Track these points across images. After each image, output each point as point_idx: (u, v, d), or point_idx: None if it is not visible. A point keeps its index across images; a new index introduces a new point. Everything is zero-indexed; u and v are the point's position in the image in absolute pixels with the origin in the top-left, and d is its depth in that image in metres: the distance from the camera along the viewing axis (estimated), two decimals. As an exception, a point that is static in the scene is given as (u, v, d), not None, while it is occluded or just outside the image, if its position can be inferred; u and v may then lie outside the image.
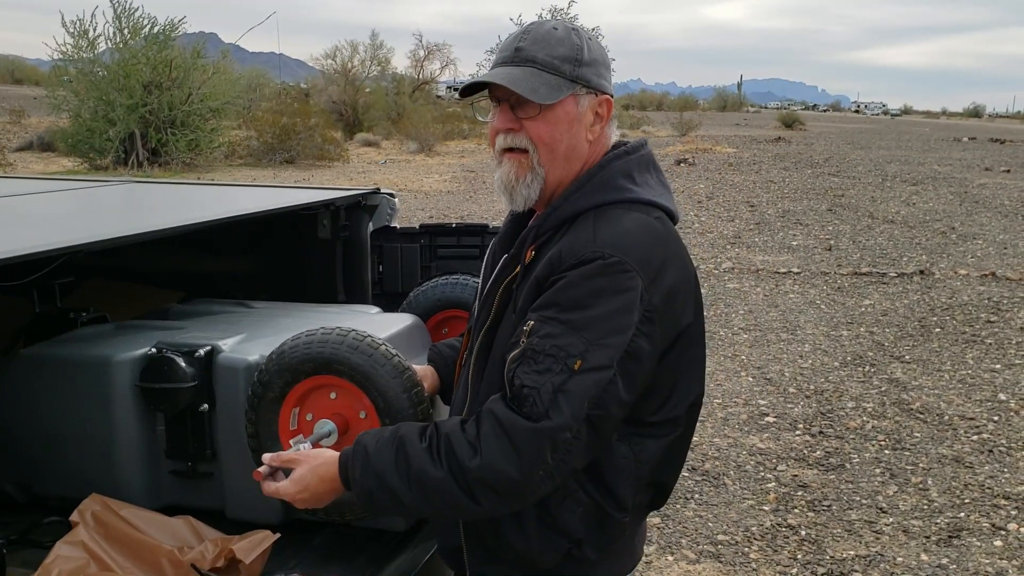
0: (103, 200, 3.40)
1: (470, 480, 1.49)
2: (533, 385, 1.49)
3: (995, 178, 20.71)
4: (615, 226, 1.58)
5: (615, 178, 1.64)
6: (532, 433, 1.47)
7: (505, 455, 1.48)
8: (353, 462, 1.58)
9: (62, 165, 21.75)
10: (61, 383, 2.24)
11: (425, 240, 3.34)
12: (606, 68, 1.67)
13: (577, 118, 1.63)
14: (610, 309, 1.51)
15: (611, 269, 1.52)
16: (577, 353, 1.49)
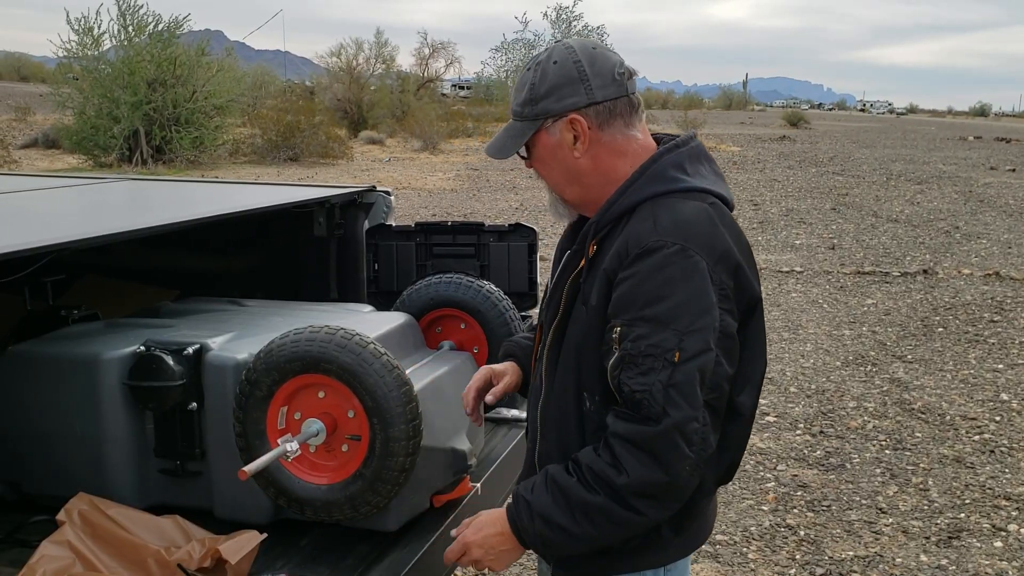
0: (99, 198, 3.39)
1: (626, 496, 1.55)
2: (643, 388, 1.53)
3: (1000, 177, 20.64)
4: (673, 214, 1.63)
5: (667, 170, 1.69)
6: (659, 435, 1.53)
7: (645, 464, 1.54)
8: (518, 515, 1.65)
9: (67, 162, 21.79)
10: (50, 381, 2.23)
11: (420, 238, 3.33)
12: (570, 84, 1.69)
13: (556, 146, 1.72)
14: (687, 295, 1.56)
15: (676, 256, 1.57)
16: (673, 346, 1.53)
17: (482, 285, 2.77)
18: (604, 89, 1.69)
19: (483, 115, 40.24)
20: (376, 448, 1.96)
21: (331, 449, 2.03)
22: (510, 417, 2.95)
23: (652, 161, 1.70)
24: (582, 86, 1.69)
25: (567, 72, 1.69)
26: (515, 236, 3.29)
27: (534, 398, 1.83)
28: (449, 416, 2.36)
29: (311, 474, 2.03)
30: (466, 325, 2.78)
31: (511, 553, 1.70)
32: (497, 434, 2.84)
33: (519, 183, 18.84)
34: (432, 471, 2.21)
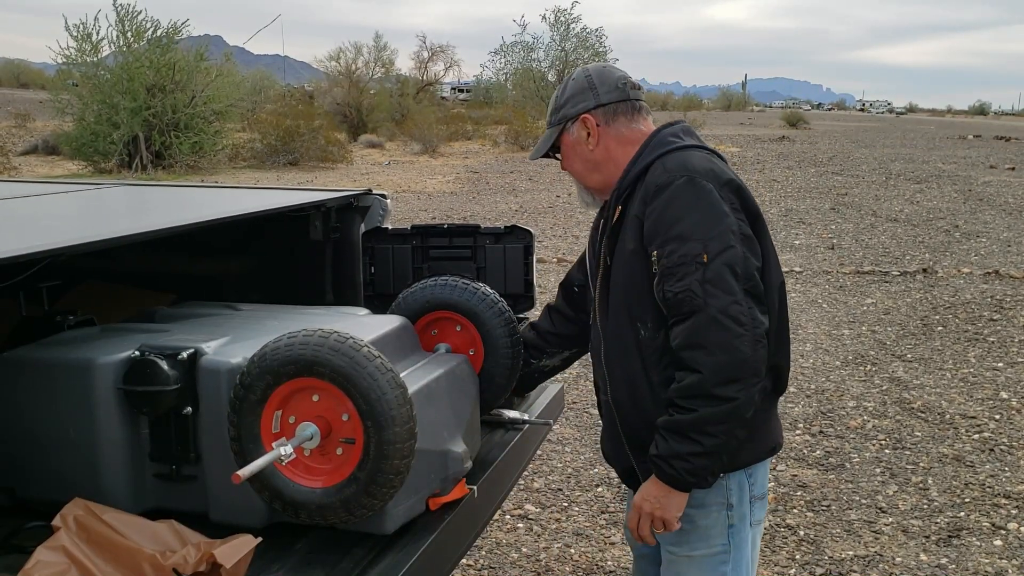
0: (95, 202, 3.39)
1: (711, 391, 1.86)
2: (682, 289, 1.88)
3: (1000, 176, 20.63)
4: (678, 158, 2.04)
5: (667, 137, 2.13)
6: (710, 321, 1.85)
7: (709, 354, 1.85)
8: (660, 470, 1.97)
9: (67, 168, 21.82)
10: (44, 386, 2.22)
11: (417, 241, 3.32)
12: (582, 92, 2.18)
13: (575, 143, 2.22)
14: (701, 211, 1.93)
15: (686, 184, 1.96)
16: (699, 251, 1.89)
17: (478, 287, 2.77)
18: (608, 94, 2.17)
19: (482, 118, 40.26)
20: (371, 451, 1.95)
21: (326, 452, 2.03)
22: (509, 419, 2.95)
23: (652, 135, 2.15)
24: (591, 93, 2.17)
25: (580, 85, 2.19)
26: (511, 238, 3.28)
27: (595, 352, 2.22)
28: (445, 419, 2.35)
29: (306, 477, 2.02)
30: (462, 328, 2.77)
31: (674, 497, 2.00)
32: (494, 436, 2.83)
33: (518, 185, 18.84)
34: (428, 474, 2.20)
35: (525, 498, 4.47)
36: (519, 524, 4.20)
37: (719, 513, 2.09)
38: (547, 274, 9.61)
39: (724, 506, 2.09)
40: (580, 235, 12.31)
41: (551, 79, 45.61)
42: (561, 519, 4.26)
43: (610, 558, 3.89)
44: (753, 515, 2.13)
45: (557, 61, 45.52)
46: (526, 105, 41.39)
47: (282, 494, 2.02)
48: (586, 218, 13.87)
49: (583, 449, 5.09)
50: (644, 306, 2.01)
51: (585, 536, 4.09)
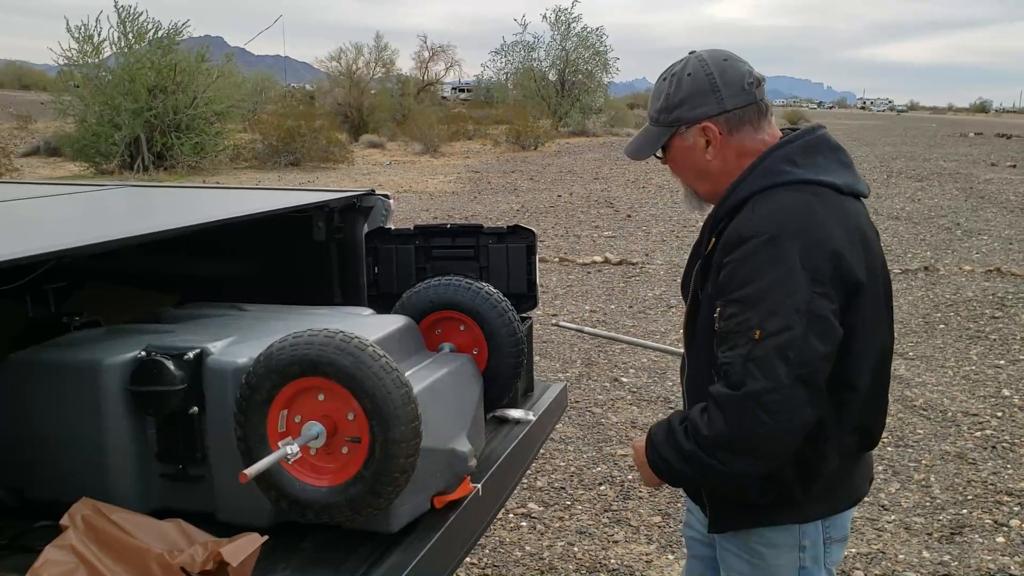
0: (99, 204, 3.41)
1: (708, 447, 1.76)
2: (728, 360, 1.73)
3: (1001, 173, 20.62)
4: (771, 204, 1.80)
5: (775, 164, 1.86)
6: (736, 400, 1.71)
7: (723, 421, 1.73)
8: (649, 448, 1.92)
9: (68, 170, 21.83)
10: (51, 387, 2.24)
11: (419, 241, 3.34)
12: (702, 94, 1.89)
13: (689, 149, 1.94)
14: (772, 280, 1.72)
15: (765, 244, 1.74)
16: (755, 325, 1.71)
17: (481, 287, 2.78)
18: (734, 98, 1.88)
19: (483, 118, 40.27)
20: (376, 450, 1.97)
21: (331, 451, 2.04)
22: (513, 418, 2.97)
23: (761, 159, 1.88)
24: (713, 96, 1.88)
25: (699, 84, 1.89)
26: (514, 238, 3.30)
27: (682, 373, 2.10)
28: (449, 417, 2.37)
29: (312, 476, 2.04)
30: (465, 327, 2.79)
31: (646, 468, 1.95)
32: (498, 435, 2.85)
33: (520, 185, 18.85)
34: (432, 472, 2.22)
35: (528, 497, 4.48)
36: (522, 523, 4.22)
37: (790, 554, 1.98)
38: (549, 274, 9.62)
39: (796, 547, 1.97)
40: (581, 235, 12.33)
41: (552, 78, 45.63)
42: (564, 517, 4.27)
43: (613, 556, 3.90)
44: (828, 557, 2.00)
45: (558, 61, 45.54)
46: (527, 105, 41.43)
47: (288, 493, 2.03)
48: (587, 218, 13.89)
49: (586, 448, 5.10)
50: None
51: (588, 534, 4.10)
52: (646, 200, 16.11)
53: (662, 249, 11.26)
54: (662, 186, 17.97)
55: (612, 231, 12.64)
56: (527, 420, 2.97)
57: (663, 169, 2.13)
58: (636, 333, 7.47)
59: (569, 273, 9.81)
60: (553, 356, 6.85)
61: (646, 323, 7.66)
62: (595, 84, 45.85)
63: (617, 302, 8.49)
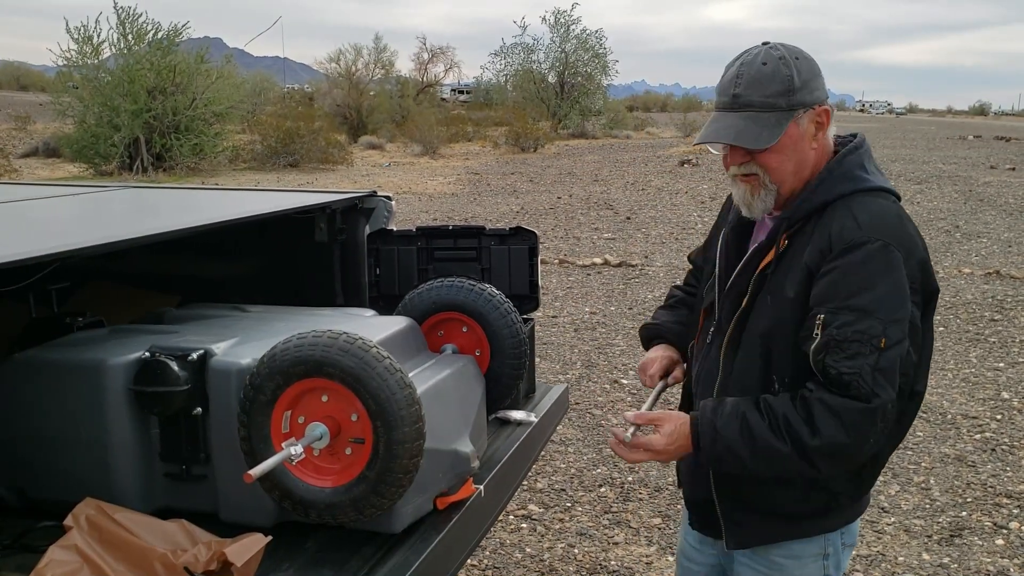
0: (102, 205, 3.41)
1: (810, 454, 1.72)
2: (852, 371, 1.69)
3: (1000, 176, 20.64)
4: (870, 212, 1.78)
5: (853, 170, 1.85)
6: (865, 412, 1.70)
7: (841, 432, 1.70)
8: (703, 430, 1.81)
9: (67, 171, 21.83)
10: (55, 387, 2.24)
11: (422, 242, 3.34)
12: (817, 77, 1.83)
13: (800, 137, 1.83)
14: (889, 287, 1.72)
15: (879, 251, 1.73)
16: (879, 333, 1.69)
17: (483, 288, 2.79)
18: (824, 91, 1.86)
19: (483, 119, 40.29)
20: (379, 451, 1.97)
21: (335, 452, 2.05)
22: (515, 419, 2.97)
23: (839, 162, 1.85)
24: (822, 81, 1.84)
25: (812, 67, 1.83)
26: (516, 239, 3.30)
27: (707, 380, 1.98)
28: (452, 418, 2.37)
29: (315, 477, 2.04)
30: (468, 328, 2.79)
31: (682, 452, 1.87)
32: (500, 436, 2.85)
33: (519, 187, 18.86)
34: (435, 473, 2.22)
35: (529, 498, 4.48)
36: (523, 524, 4.22)
37: (815, 564, 1.98)
38: (549, 276, 9.63)
39: (821, 556, 1.97)
40: (581, 236, 12.34)
41: (551, 80, 45.64)
42: (564, 519, 4.27)
43: (613, 558, 3.91)
44: (843, 563, 2.03)
45: (557, 63, 45.56)
46: (526, 106, 41.43)
47: (292, 493, 2.04)
48: (587, 220, 13.89)
49: (586, 449, 5.10)
50: (786, 361, 1.83)
51: (588, 536, 4.10)
52: (645, 202, 16.12)
53: (661, 251, 11.27)
54: (661, 188, 17.98)
55: (612, 233, 12.65)
56: (529, 421, 2.97)
57: (662, 171, 2.09)
58: (634, 334, 7.47)
59: (569, 275, 9.82)
60: (554, 358, 6.86)
61: (646, 325, 7.66)
62: (594, 86, 45.87)
63: (617, 304, 8.50)
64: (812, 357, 1.74)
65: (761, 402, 1.79)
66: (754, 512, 1.94)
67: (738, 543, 1.99)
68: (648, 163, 24.60)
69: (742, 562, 2.04)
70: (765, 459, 1.76)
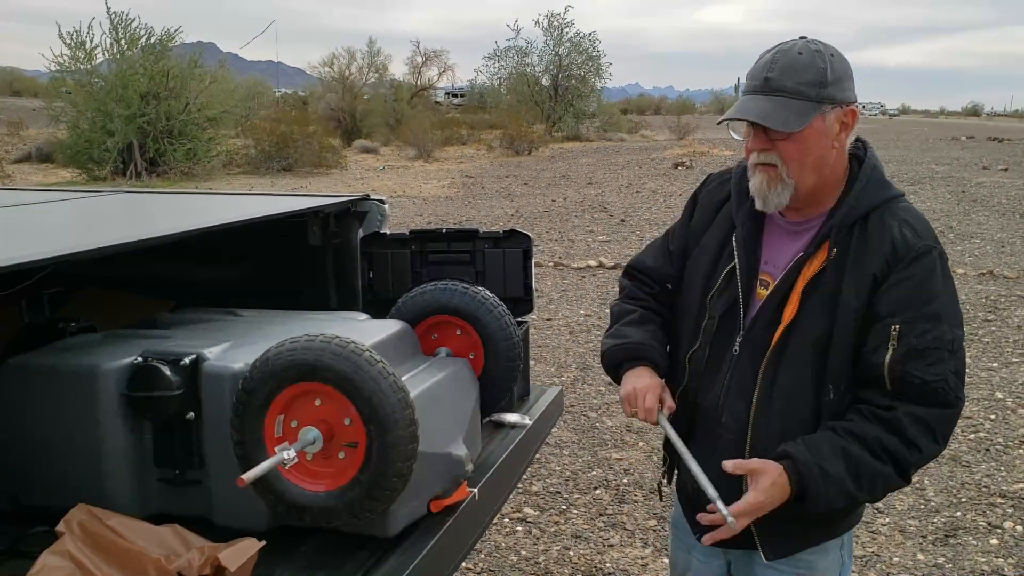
0: (94, 210, 3.40)
1: (909, 469, 1.79)
2: (937, 378, 1.74)
3: (993, 177, 20.71)
4: (916, 218, 1.85)
5: (881, 176, 1.90)
6: (953, 417, 1.80)
7: (937, 442, 1.79)
8: (810, 478, 1.77)
9: (61, 176, 21.78)
10: (48, 392, 2.24)
11: (416, 246, 3.34)
12: (849, 78, 1.83)
13: (824, 132, 1.81)
14: (951, 292, 1.82)
15: (940, 259, 1.82)
16: (952, 337, 1.77)
17: (477, 291, 2.79)
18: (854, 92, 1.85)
19: (477, 123, 40.28)
20: (373, 455, 1.97)
21: (328, 456, 2.04)
22: (509, 422, 2.97)
23: (873, 168, 1.89)
24: (852, 83, 1.84)
25: (846, 67, 1.83)
26: (510, 242, 3.30)
27: (738, 393, 1.92)
28: (446, 422, 2.37)
29: (309, 481, 2.04)
30: (462, 331, 2.79)
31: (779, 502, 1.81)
32: (494, 439, 2.85)
33: (514, 190, 18.86)
34: (430, 477, 2.22)
35: (524, 501, 4.48)
36: (518, 527, 4.22)
37: (835, 554, 2.01)
38: (543, 278, 9.63)
39: (839, 547, 2.02)
40: (576, 239, 12.34)
41: (545, 83, 45.67)
42: (560, 522, 4.27)
43: (609, 560, 3.90)
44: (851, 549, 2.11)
45: (551, 66, 45.60)
46: (521, 109, 41.44)
47: (286, 498, 2.03)
48: (581, 222, 13.90)
49: (581, 452, 5.10)
50: (843, 369, 1.82)
51: (584, 538, 4.10)
52: (639, 205, 16.14)
53: (656, 253, 11.26)
54: (655, 191, 18.00)
55: (606, 235, 12.66)
56: (523, 424, 2.97)
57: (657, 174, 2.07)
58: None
59: (564, 277, 9.82)
60: (548, 360, 6.86)
61: (640, 327, 7.66)
62: (588, 89, 45.89)
63: (611, 306, 8.50)
64: (888, 367, 1.76)
65: (844, 433, 1.79)
66: (793, 522, 1.89)
67: (778, 554, 1.97)
68: (642, 166, 24.62)
69: (771, 565, 2.00)
70: (869, 486, 1.80)
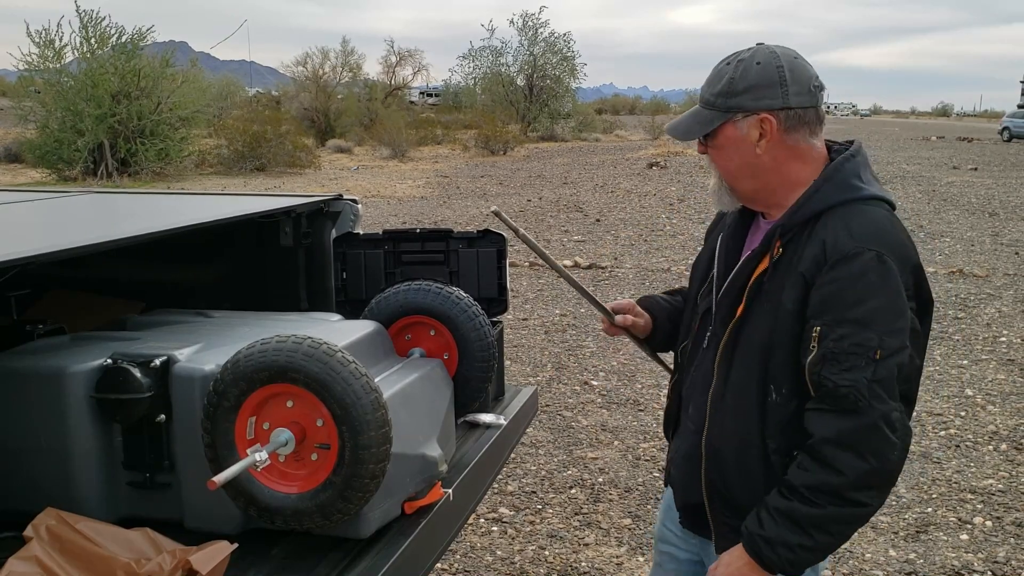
0: (63, 211, 3.36)
1: (846, 495, 1.71)
2: (849, 383, 1.69)
3: (963, 176, 20.96)
4: (865, 221, 1.78)
5: (849, 178, 1.84)
6: (867, 427, 1.69)
7: (858, 458, 1.70)
8: (759, 551, 1.79)
9: (30, 176, 21.52)
10: (15, 395, 2.21)
11: (389, 246, 3.32)
12: (770, 87, 1.81)
13: (740, 140, 1.84)
14: (885, 298, 1.72)
15: (874, 262, 1.72)
16: (875, 345, 1.69)
17: (451, 291, 2.78)
18: (799, 97, 1.82)
19: (452, 122, 40.26)
20: (346, 456, 1.96)
21: (300, 458, 2.03)
22: (484, 422, 2.97)
23: (835, 170, 1.85)
24: (780, 90, 1.81)
25: (768, 75, 1.81)
26: (484, 242, 3.29)
27: (700, 387, 1.97)
28: (420, 423, 2.36)
29: (281, 483, 2.02)
30: (436, 332, 2.78)
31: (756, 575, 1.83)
32: (469, 439, 2.85)
33: (489, 190, 18.86)
34: (403, 478, 2.21)
35: (499, 501, 4.48)
36: (493, 527, 4.21)
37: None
38: (519, 278, 9.63)
39: None
40: (551, 239, 12.35)
41: (520, 83, 45.72)
42: (535, 521, 4.27)
43: (584, 559, 3.91)
44: None
45: (526, 66, 45.64)
46: (496, 109, 41.45)
47: (257, 500, 2.02)
48: (556, 222, 13.92)
49: (556, 451, 5.11)
50: (784, 372, 1.80)
51: (559, 538, 4.11)
52: (615, 204, 16.18)
53: (631, 253, 11.31)
54: (630, 191, 18.06)
55: (581, 235, 12.68)
56: (498, 424, 2.97)
57: (631, 174, 2.11)
58: (607, 336, 7.50)
59: (539, 277, 9.83)
60: (524, 360, 6.86)
61: (615, 327, 7.68)
62: (563, 89, 46.01)
63: (587, 306, 8.51)
64: (808, 370, 1.74)
65: (783, 488, 1.78)
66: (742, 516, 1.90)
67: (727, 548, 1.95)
68: (617, 166, 24.69)
69: None
70: (822, 530, 1.74)
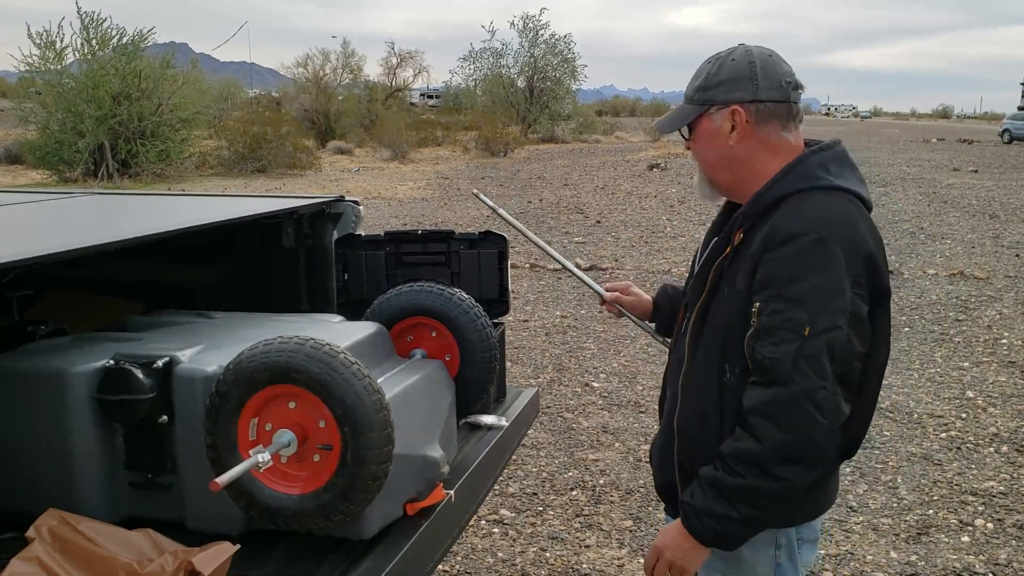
0: (65, 212, 3.36)
1: (766, 466, 1.73)
2: (774, 356, 1.73)
3: (963, 178, 20.96)
4: (817, 207, 1.82)
5: (813, 169, 1.88)
6: (788, 398, 1.71)
7: (778, 429, 1.72)
8: (687, 519, 1.85)
9: (30, 178, 21.53)
10: (17, 396, 2.21)
11: (390, 247, 3.32)
12: (741, 80, 1.89)
13: (714, 132, 1.93)
14: (822, 279, 1.74)
15: (815, 245, 1.75)
16: (804, 321, 1.72)
17: (453, 293, 2.78)
18: (770, 91, 1.89)
19: (452, 124, 40.26)
20: (348, 457, 1.96)
21: (302, 459, 2.03)
22: (485, 424, 2.97)
23: (799, 161, 1.90)
24: (750, 84, 1.89)
25: (739, 70, 1.90)
26: (485, 243, 3.30)
27: (675, 369, 2.03)
28: (422, 424, 2.36)
29: (283, 484, 2.02)
30: (437, 333, 2.78)
31: (696, 551, 1.88)
32: (470, 441, 2.85)
33: (489, 191, 18.85)
34: (405, 479, 2.21)
35: (500, 503, 4.48)
36: (494, 529, 4.21)
37: (767, 552, 1.97)
38: (519, 280, 9.63)
39: (772, 545, 1.97)
40: (552, 240, 12.35)
41: (520, 85, 45.73)
42: (536, 523, 4.27)
43: (585, 561, 3.91)
44: (801, 557, 2.02)
45: (526, 67, 45.65)
46: (496, 111, 41.46)
47: (259, 501, 2.02)
48: (557, 224, 13.92)
49: (557, 453, 5.11)
50: (737, 351, 1.84)
51: (560, 540, 4.10)
52: (615, 206, 16.19)
53: (631, 255, 11.31)
54: (630, 192, 18.06)
55: (582, 237, 12.68)
56: (499, 426, 2.97)
57: (632, 176, 2.14)
58: (608, 338, 7.50)
59: (540, 279, 9.83)
60: (525, 362, 6.86)
61: (617, 327, 7.68)
62: (563, 91, 46.01)
63: (588, 308, 8.51)
64: (746, 344, 1.79)
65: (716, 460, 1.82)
66: None
67: None
68: (617, 167, 24.70)
69: None
70: (745, 502, 1.76)
